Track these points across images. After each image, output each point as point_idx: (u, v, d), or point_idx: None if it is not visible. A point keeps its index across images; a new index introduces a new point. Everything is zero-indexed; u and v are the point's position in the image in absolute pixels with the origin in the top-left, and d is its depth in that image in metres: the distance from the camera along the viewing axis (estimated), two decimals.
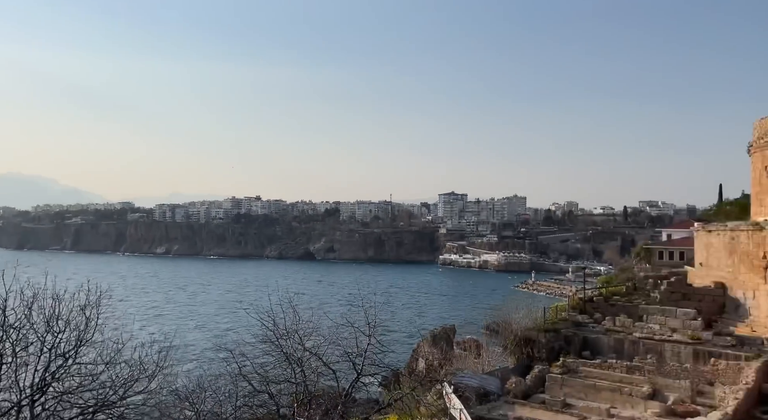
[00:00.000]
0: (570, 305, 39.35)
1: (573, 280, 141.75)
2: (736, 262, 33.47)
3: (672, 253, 58.15)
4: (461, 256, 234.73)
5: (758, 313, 31.37)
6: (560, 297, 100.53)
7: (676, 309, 31.97)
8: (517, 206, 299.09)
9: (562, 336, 32.38)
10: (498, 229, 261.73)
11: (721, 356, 25.88)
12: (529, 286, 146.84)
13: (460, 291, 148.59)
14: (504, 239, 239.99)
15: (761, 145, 33.58)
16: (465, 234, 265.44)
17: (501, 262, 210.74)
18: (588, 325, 34.12)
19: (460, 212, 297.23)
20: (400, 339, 74.23)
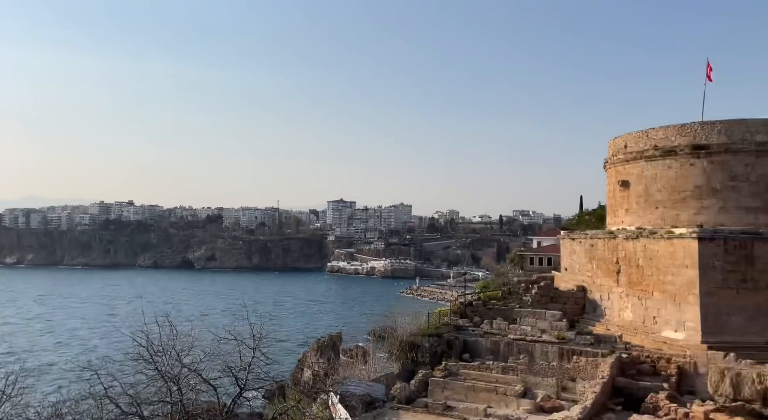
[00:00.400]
0: (452, 310, 41.15)
1: (454, 285, 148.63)
2: (595, 267, 37.20)
3: (541, 259, 63.35)
4: (349, 263, 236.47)
5: (612, 313, 35.08)
6: (443, 302, 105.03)
7: (545, 311, 34.68)
8: (403, 214, 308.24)
9: (445, 340, 33.67)
10: (385, 236, 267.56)
11: (582, 354, 28.49)
12: (414, 291, 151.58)
13: (348, 298, 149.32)
14: (391, 246, 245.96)
15: (615, 162, 37.72)
16: (353, 241, 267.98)
17: (388, 268, 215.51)
18: (468, 328, 35.85)
19: (348, 219, 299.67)
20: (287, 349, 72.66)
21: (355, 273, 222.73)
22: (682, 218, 32.40)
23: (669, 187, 33.41)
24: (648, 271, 32.22)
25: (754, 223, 30.69)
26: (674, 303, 30.21)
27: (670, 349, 28.52)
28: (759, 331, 28.39)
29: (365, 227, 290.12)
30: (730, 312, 28.68)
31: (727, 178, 31.55)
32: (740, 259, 29.12)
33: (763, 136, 31.39)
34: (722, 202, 31.56)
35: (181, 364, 20.98)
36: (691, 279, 29.29)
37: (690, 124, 33.03)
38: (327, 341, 46.28)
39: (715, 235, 29.45)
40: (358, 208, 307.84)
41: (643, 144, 35.08)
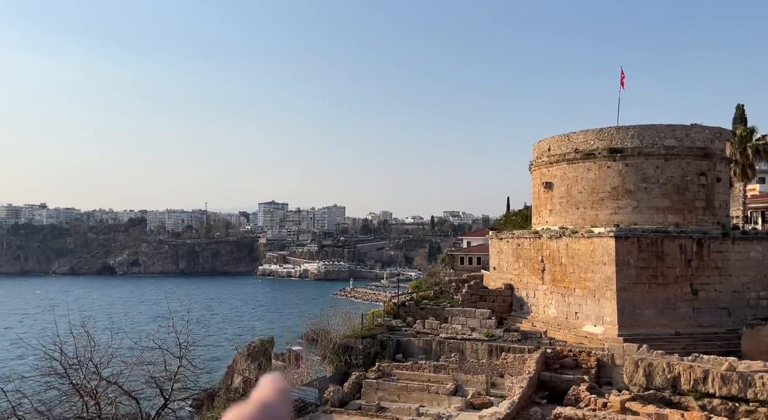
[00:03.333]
0: (385, 311, 41.30)
1: (388, 285, 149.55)
2: (521, 265, 38.62)
3: (471, 259, 65.02)
4: (281, 266, 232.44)
5: (537, 310, 36.55)
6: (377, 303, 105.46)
7: (475, 310, 35.58)
8: (336, 216, 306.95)
9: (378, 341, 33.71)
10: (319, 238, 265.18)
11: (509, 350, 29.45)
12: (348, 293, 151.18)
13: (280, 301, 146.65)
14: (324, 248, 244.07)
15: (539, 164, 39.36)
16: (286, 244, 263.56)
17: (321, 270, 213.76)
18: (401, 328, 36.10)
19: (280, 222, 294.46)
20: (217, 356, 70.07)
21: (287, 276, 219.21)
22: (601, 218, 34.29)
23: (589, 189, 35.25)
24: (570, 268, 33.84)
25: (663, 222, 33.01)
26: (594, 299, 31.90)
27: (591, 342, 30.07)
28: (668, 322, 30.56)
29: (298, 229, 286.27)
30: (643, 306, 30.66)
31: (639, 180, 33.74)
32: (652, 256, 31.22)
33: (671, 140, 33.86)
34: (636, 202, 33.71)
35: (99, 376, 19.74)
36: (609, 275, 31.04)
37: (607, 128, 35.05)
38: (258, 346, 45.13)
39: (629, 234, 31.39)
40: (291, 210, 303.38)
41: (565, 147, 36.83)
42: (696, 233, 31.90)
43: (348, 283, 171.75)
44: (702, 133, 34.47)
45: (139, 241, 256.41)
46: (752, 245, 32.44)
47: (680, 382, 21.47)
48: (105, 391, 20.02)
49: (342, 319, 37.71)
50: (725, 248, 31.92)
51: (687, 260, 31.34)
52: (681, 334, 30.00)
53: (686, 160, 33.66)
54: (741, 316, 30.77)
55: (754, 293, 31.75)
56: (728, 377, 20.41)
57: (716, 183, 34.45)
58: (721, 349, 27.48)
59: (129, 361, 21.11)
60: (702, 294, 31.19)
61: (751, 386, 20.02)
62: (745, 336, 28.08)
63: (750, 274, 31.88)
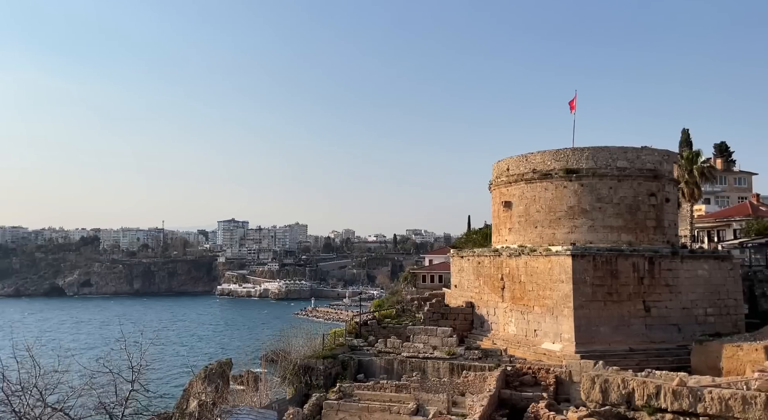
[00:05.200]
0: (347, 330, 40.94)
1: (350, 304, 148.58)
2: (482, 283, 39.07)
3: (433, 277, 65.38)
4: (241, 285, 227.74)
5: (498, 328, 36.94)
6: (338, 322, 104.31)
7: (437, 328, 35.65)
8: (298, 234, 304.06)
9: (340, 361, 33.31)
10: (280, 256, 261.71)
11: (470, 369, 29.57)
12: (309, 313, 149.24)
13: (239, 322, 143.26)
14: (285, 267, 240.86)
15: (498, 184, 40.19)
16: (246, 262, 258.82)
17: (282, 290, 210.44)
18: (363, 348, 35.79)
19: (240, 240, 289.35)
20: (172, 379, 67.74)
21: (247, 296, 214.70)
22: (558, 236, 35.17)
23: (546, 208, 36.17)
24: (529, 286, 34.44)
25: (617, 240, 34.12)
26: (552, 316, 32.50)
27: (549, 359, 30.53)
28: (623, 339, 31.38)
29: (258, 248, 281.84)
30: (599, 323, 31.43)
31: (594, 200, 34.86)
32: (606, 274, 32.15)
33: (623, 162, 35.23)
34: (591, 221, 34.77)
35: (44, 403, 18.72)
36: (567, 293, 31.75)
37: (563, 149, 36.20)
38: (216, 368, 43.68)
39: (585, 253, 32.27)
40: (251, 228, 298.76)
41: (524, 167, 37.78)
42: (648, 252, 33.07)
43: (309, 302, 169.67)
44: (652, 156, 36.02)
45: (92, 261, 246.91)
46: (699, 263, 33.84)
47: (634, 397, 21.99)
48: (50, 418, 19.00)
49: (303, 339, 37.12)
50: (675, 266, 33.19)
51: (639, 278, 32.41)
52: (635, 350, 30.84)
53: (637, 181, 35.03)
54: (690, 332, 31.92)
55: (702, 310, 33.03)
56: (679, 392, 21.04)
57: (665, 203, 35.92)
58: (672, 365, 28.36)
59: (77, 387, 20.16)
60: (654, 311, 32.24)
61: (700, 401, 20.68)
62: (695, 352, 29.07)
63: (698, 292, 33.19)
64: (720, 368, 26.52)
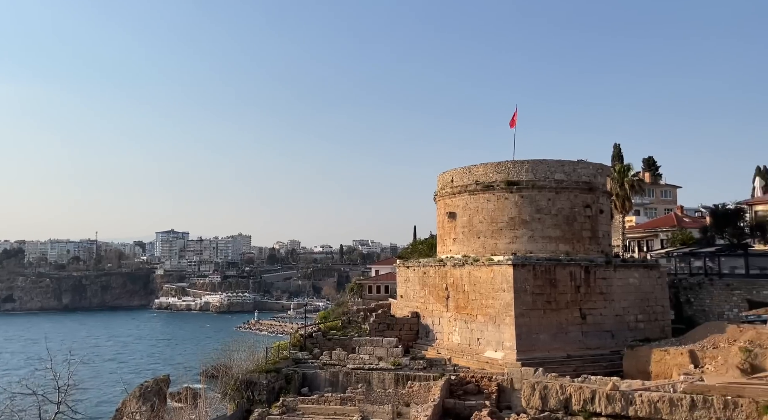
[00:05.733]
0: (291, 343, 40.18)
1: (295, 316, 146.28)
2: (427, 293, 39.43)
3: (379, 287, 65.39)
4: (180, 298, 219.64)
5: (442, 337, 37.32)
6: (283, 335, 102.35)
7: (382, 339, 35.62)
8: (242, 245, 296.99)
9: (283, 375, 32.61)
10: (222, 268, 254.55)
11: (415, 379, 29.68)
12: (253, 325, 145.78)
13: (179, 336, 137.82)
14: (228, 279, 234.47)
15: (443, 195, 40.86)
16: (185, 275, 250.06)
17: (224, 302, 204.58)
18: (308, 361, 35.23)
19: (180, 251, 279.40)
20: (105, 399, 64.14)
21: (187, 309, 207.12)
22: (500, 247, 36.07)
23: (489, 219, 37.06)
24: (473, 296, 35.07)
25: (555, 250, 35.37)
26: (495, 325, 33.19)
27: (492, 368, 31.11)
28: (561, 346, 32.45)
29: (199, 259, 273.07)
30: (538, 331, 32.37)
31: (534, 211, 36.04)
32: (546, 283, 33.22)
33: (561, 174, 36.67)
34: (531, 232, 35.89)
35: None
36: (508, 302, 32.53)
37: (504, 162, 37.29)
38: (152, 386, 41.90)
39: (526, 262, 33.24)
40: (192, 239, 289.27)
41: (467, 179, 38.61)
42: (583, 261, 34.46)
43: (253, 315, 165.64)
44: (587, 169, 37.70)
45: (15, 275, 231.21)
46: (631, 272, 35.59)
47: (572, 403, 22.74)
48: None
49: (245, 353, 36.12)
50: (608, 275, 34.74)
51: (576, 287, 33.68)
52: (572, 357, 31.93)
53: (574, 193, 36.54)
54: (623, 338, 33.41)
55: (633, 316, 34.69)
56: (612, 396, 21.94)
57: (600, 214, 37.63)
58: (606, 370, 29.56)
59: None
60: (589, 318, 33.56)
61: (632, 404, 21.65)
62: (627, 357, 30.43)
63: (629, 299, 34.85)
64: (649, 372, 27.87)
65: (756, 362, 23.99)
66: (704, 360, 26.32)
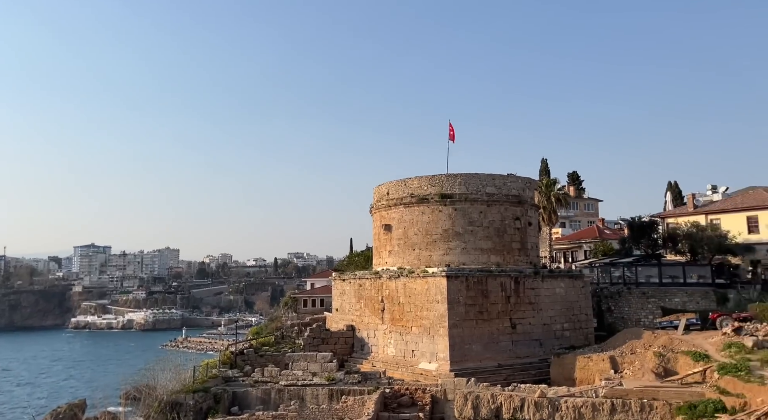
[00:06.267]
0: (221, 360, 38.63)
1: (225, 333, 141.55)
2: (363, 306, 39.25)
3: (315, 301, 64.51)
4: (101, 316, 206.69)
5: (377, 350, 37.20)
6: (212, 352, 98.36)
7: (317, 353, 34.95)
8: (169, 259, 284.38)
9: (212, 394, 31.21)
10: (147, 284, 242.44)
11: (350, 393, 29.26)
12: (180, 343, 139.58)
13: (98, 357, 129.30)
14: (153, 295, 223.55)
15: (379, 207, 41.04)
16: (107, 291, 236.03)
17: (149, 320, 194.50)
18: (238, 379, 33.94)
19: (101, 267, 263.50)
20: None
21: (108, 328, 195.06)
22: (434, 258, 36.58)
23: (423, 231, 37.54)
24: (408, 307, 35.25)
25: (487, 262, 36.31)
26: (429, 336, 33.48)
27: (426, 379, 31.28)
28: (492, 355, 33.20)
29: (122, 275, 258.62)
30: (471, 341, 32.97)
31: (467, 223, 36.90)
32: (478, 294, 33.97)
33: (492, 188, 37.84)
34: (464, 244, 36.68)
35: None
36: (442, 313, 32.95)
37: (438, 175, 38.02)
38: (65, 412, 38.75)
39: (459, 274, 33.88)
40: (114, 254, 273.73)
41: (402, 192, 39.02)
42: (513, 272, 35.58)
43: (180, 332, 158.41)
44: (516, 183, 39.14)
45: None
46: (557, 282, 37.13)
47: (502, 411, 23.24)
48: None
49: (171, 372, 34.26)
50: (537, 285, 36.05)
51: (507, 297, 34.68)
52: (503, 366, 32.74)
53: (504, 206, 37.77)
54: (550, 346, 34.68)
55: (560, 325, 36.14)
56: (540, 403, 22.63)
57: (528, 227, 39.09)
58: (535, 378, 30.53)
59: None
60: (519, 327, 34.60)
61: (558, 410, 22.41)
62: (553, 364, 31.58)
63: (556, 308, 36.30)
64: (575, 378, 29.04)
65: (669, 366, 25.58)
66: (623, 365, 27.76)
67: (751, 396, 19.37)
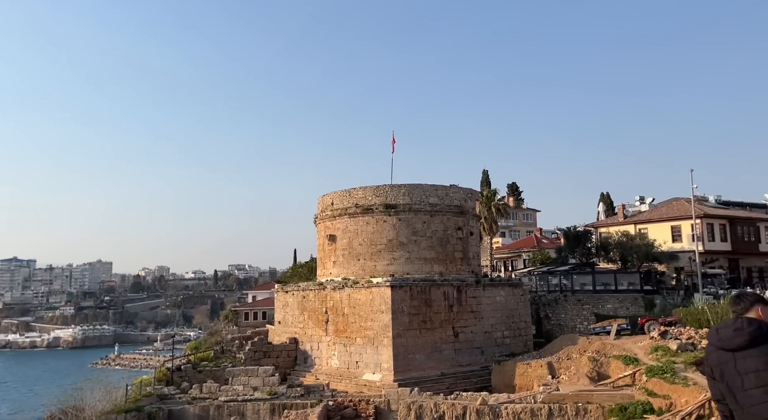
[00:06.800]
0: (156, 377, 36.99)
1: (162, 348, 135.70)
2: (306, 318, 38.68)
3: (257, 314, 62.97)
4: (23, 334, 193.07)
5: (321, 362, 36.71)
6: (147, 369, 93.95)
7: (258, 367, 34.11)
8: (101, 272, 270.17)
9: (146, 414, 29.76)
10: (77, 299, 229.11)
11: (292, 407, 28.69)
12: (112, 361, 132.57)
13: (19, 379, 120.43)
14: (83, 310, 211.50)
15: (323, 218, 40.74)
16: (31, 308, 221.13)
17: (78, 337, 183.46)
18: (175, 396, 32.56)
19: (24, 282, 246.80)
20: None
21: (31, 346, 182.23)
22: (379, 268, 36.64)
23: (368, 241, 37.57)
24: (352, 318, 35.05)
25: (430, 271, 36.75)
26: (373, 346, 33.39)
27: (370, 390, 31.14)
28: (435, 364, 33.51)
29: (49, 290, 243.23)
30: (415, 350, 33.15)
31: (410, 233, 37.26)
32: (421, 303, 34.27)
33: (435, 198, 38.45)
34: (408, 253, 36.98)
35: None
36: (386, 323, 32.98)
37: (383, 186, 38.26)
38: None
39: (403, 283, 34.08)
40: (40, 268, 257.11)
41: (347, 202, 38.95)
42: (456, 281, 36.18)
43: (113, 349, 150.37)
44: (458, 193, 39.96)
45: None
46: (498, 291, 38.06)
47: (445, 419, 23.45)
48: None
49: (101, 392, 32.37)
50: (478, 294, 36.80)
51: (449, 306, 35.18)
52: (446, 375, 33.09)
53: (447, 216, 38.44)
54: (491, 353, 35.42)
55: (500, 333, 37.00)
56: (481, 411, 23.01)
57: (470, 236, 39.93)
58: (477, 385, 31.05)
59: None
60: (462, 336, 35.15)
61: (498, 417, 22.86)
62: (494, 371, 32.24)
63: (497, 316, 37.16)
64: (514, 385, 29.75)
65: (602, 370, 26.68)
66: (560, 370, 28.73)
67: (676, 397, 20.47)
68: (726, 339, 3.92)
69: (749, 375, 3.72)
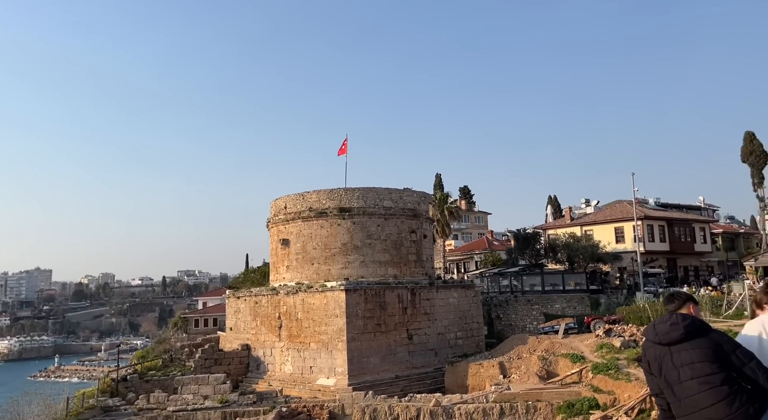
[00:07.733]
0: (100, 389, 35.45)
1: (106, 359, 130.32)
2: (259, 323, 38.02)
3: (207, 321, 61.44)
4: None
5: (274, 368, 36.16)
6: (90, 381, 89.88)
7: (209, 375, 33.21)
8: (40, 281, 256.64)
9: None
10: (12, 309, 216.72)
11: (244, 415, 28.12)
12: (52, 372, 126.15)
13: None
14: (20, 321, 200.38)
15: (276, 222, 40.20)
16: None
17: (14, 349, 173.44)
18: (120, 408, 31.30)
19: None
20: None
21: None
22: (333, 272, 36.47)
23: (322, 245, 37.33)
24: (306, 323, 34.72)
25: (385, 274, 36.87)
26: (327, 351, 33.18)
27: (324, 395, 30.91)
28: (390, 367, 33.63)
29: None
30: (369, 354, 33.16)
31: (365, 237, 37.28)
32: (376, 307, 34.34)
33: (389, 202, 38.64)
34: (362, 257, 36.98)
35: None
36: (341, 327, 32.85)
37: (337, 189, 38.13)
38: None
39: (357, 287, 34.05)
40: None
41: (301, 206, 38.59)
42: (410, 284, 36.46)
43: (53, 360, 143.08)
44: (412, 197, 40.32)
45: None
46: (451, 292, 38.61)
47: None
48: None
49: (40, 406, 30.72)
50: (432, 296, 37.21)
51: (404, 308, 35.41)
52: (400, 377, 33.27)
53: (401, 219, 38.70)
54: (444, 355, 35.86)
55: (453, 334, 37.53)
56: (435, 412, 23.25)
57: (423, 239, 40.35)
58: (431, 387, 31.38)
59: None
60: (416, 338, 35.43)
61: (452, 417, 23.16)
62: (447, 372, 32.66)
63: (450, 318, 37.68)
64: (467, 385, 30.22)
65: (551, 369, 27.49)
66: (511, 370, 29.40)
67: (619, 392, 21.33)
68: (663, 334, 4.14)
69: (685, 367, 3.94)
